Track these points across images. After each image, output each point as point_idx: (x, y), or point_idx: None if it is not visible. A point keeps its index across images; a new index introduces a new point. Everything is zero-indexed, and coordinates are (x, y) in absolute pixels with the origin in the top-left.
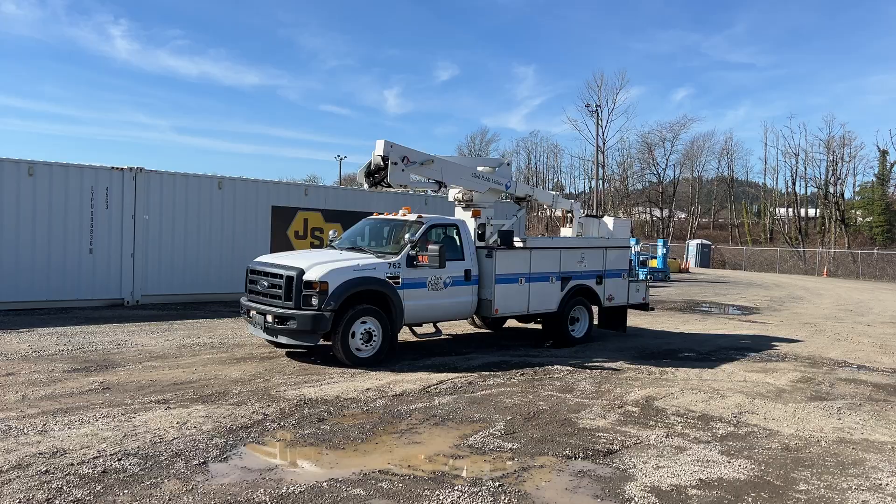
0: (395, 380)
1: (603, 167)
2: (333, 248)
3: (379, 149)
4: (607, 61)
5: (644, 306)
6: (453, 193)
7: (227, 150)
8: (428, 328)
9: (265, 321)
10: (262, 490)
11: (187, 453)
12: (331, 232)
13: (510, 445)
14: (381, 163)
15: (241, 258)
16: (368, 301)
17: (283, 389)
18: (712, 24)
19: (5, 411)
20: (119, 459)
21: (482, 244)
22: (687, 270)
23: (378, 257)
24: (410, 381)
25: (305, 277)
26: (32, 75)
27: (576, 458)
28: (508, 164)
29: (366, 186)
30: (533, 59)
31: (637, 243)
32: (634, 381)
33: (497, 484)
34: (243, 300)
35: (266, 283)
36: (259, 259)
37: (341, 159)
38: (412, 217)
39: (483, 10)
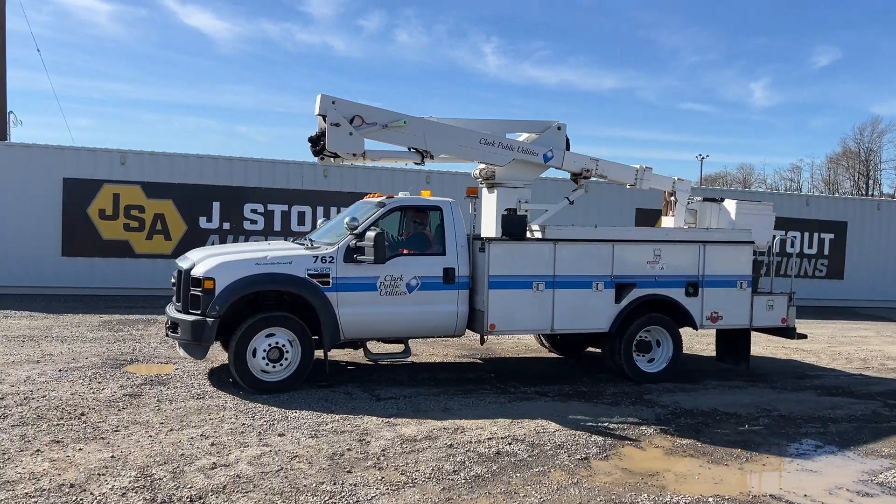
0: (778, 398)
1: None
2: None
3: (316, 106)
4: None
5: (786, 332)
6: (475, 169)
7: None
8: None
9: (166, 326)
10: (645, 495)
11: (569, 446)
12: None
13: None
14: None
15: None
16: (282, 306)
17: (656, 395)
18: None
19: (416, 387)
20: (509, 443)
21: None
22: None
23: (307, 249)
24: (795, 401)
25: (193, 273)
26: (420, 94)
27: None
28: (559, 129)
29: (316, 159)
30: None
31: None
32: None
33: None
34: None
35: (173, 281)
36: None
37: (702, 158)
38: (381, 199)
39: None
